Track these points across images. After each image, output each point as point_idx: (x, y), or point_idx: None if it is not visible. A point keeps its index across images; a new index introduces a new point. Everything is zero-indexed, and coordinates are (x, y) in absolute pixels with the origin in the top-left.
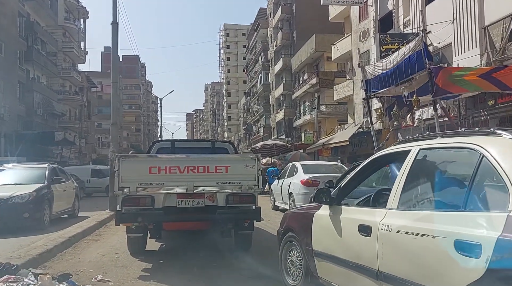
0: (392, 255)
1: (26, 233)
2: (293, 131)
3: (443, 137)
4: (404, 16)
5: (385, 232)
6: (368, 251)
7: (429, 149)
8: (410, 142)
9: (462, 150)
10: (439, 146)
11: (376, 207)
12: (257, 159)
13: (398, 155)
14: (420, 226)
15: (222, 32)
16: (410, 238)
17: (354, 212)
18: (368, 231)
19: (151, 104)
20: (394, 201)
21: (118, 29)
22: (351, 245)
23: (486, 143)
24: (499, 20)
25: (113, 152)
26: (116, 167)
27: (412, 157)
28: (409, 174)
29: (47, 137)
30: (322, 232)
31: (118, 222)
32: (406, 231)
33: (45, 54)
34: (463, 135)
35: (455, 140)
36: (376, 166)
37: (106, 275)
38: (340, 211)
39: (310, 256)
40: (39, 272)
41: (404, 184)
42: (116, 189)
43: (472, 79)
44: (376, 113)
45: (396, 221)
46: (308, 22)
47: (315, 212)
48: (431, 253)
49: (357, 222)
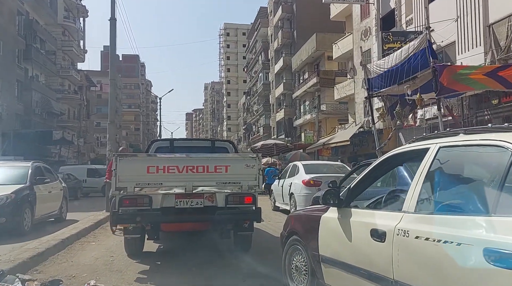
0: (409, 263)
1: (3, 240)
2: (293, 131)
3: (466, 134)
4: (406, 15)
5: (401, 237)
6: (382, 258)
7: (450, 146)
8: (428, 139)
9: (489, 148)
10: (462, 143)
11: (390, 210)
12: (257, 158)
13: (414, 154)
14: (443, 231)
15: (222, 31)
16: (430, 244)
17: (365, 215)
18: (382, 236)
19: (150, 104)
20: (412, 204)
21: (116, 26)
22: (362, 251)
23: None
24: (504, 18)
25: (111, 151)
26: (114, 166)
27: (431, 155)
28: (428, 174)
29: (46, 136)
30: (330, 236)
31: (115, 222)
32: (426, 237)
33: (44, 53)
34: (489, 131)
35: (480, 137)
36: (389, 165)
37: (99, 280)
38: (349, 214)
39: (316, 261)
40: (27, 278)
41: (423, 185)
42: (113, 189)
43: (478, 77)
44: (378, 112)
45: (414, 225)
46: (309, 21)
47: (322, 215)
48: (455, 262)
49: (369, 226)
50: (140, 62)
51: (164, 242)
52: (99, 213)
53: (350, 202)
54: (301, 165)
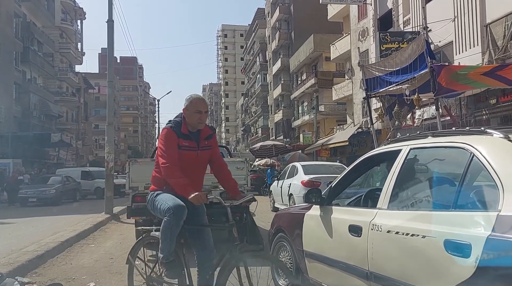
0: (382, 255)
1: (2, 243)
2: (292, 132)
3: (434, 137)
4: (404, 15)
5: (375, 232)
6: (358, 251)
7: (419, 148)
8: (401, 141)
9: (452, 149)
10: (429, 145)
11: (367, 207)
12: (246, 161)
13: (388, 155)
14: (411, 226)
15: (220, 33)
16: (400, 238)
17: (344, 212)
18: (358, 231)
19: (148, 106)
20: (385, 201)
21: (114, 28)
22: (341, 245)
23: (477, 142)
24: (501, 18)
25: (109, 153)
26: (127, 169)
27: (403, 156)
28: (399, 173)
29: (44, 139)
30: (313, 233)
31: (129, 215)
32: (396, 231)
33: (41, 55)
34: (454, 134)
35: (446, 139)
36: (367, 166)
37: (99, 282)
38: (330, 211)
39: (300, 256)
40: (26, 281)
41: (395, 184)
42: (127, 188)
43: (477, 77)
44: (376, 113)
45: (387, 221)
46: (307, 22)
47: (305, 213)
48: (421, 253)
49: (347, 222)
50: (138, 64)
51: None
52: (98, 215)
53: (332, 200)
54: (300, 165)
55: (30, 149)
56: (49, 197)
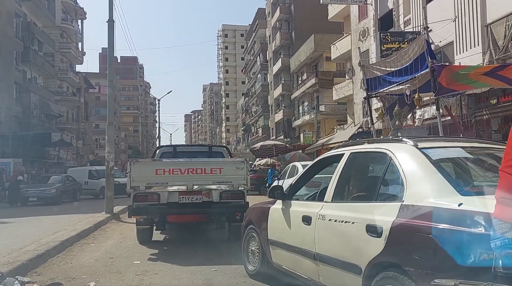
0: (325, 239)
1: (2, 242)
2: (292, 132)
3: (369, 143)
4: (404, 15)
5: (321, 220)
6: (308, 237)
7: (357, 152)
8: (345, 147)
9: (378, 154)
10: (364, 150)
11: (318, 200)
12: (246, 162)
13: (335, 157)
14: (344, 214)
15: (220, 33)
16: (337, 224)
17: (300, 205)
18: (309, 221)
19: (149, 105)
20: (330, 195)
21: (114, 28)
22: (296, 233)
23: (394, 148)
24: (501, 18)
25: (110, 152)
26: (128, 169)
27: (345, 159)
28: (341, 173)
29: (44, 138)
30: (276, 223)
31: (131, 214)
32: (335, 219)
33: (42, 55)
34: (381, 142)
35: (375, 146)
36: (320, 166)
37: (99, 281)
38: (290, 205)
39: (266, 244)
40: (26, 280)
41: (338, 181)
42: (129, 188)
43: (478, 77)
44: (377, 113)
45: (329, 211)
46: (307, 22)
47: (271, 206)
48: (351, 236)
49: (301, 213)
50: (138, 64)
51: (164, 244)
52: (98, 214)
53: (292, 196)
54: (301, 165)
55: (31, 148)
56: (50, 196)
